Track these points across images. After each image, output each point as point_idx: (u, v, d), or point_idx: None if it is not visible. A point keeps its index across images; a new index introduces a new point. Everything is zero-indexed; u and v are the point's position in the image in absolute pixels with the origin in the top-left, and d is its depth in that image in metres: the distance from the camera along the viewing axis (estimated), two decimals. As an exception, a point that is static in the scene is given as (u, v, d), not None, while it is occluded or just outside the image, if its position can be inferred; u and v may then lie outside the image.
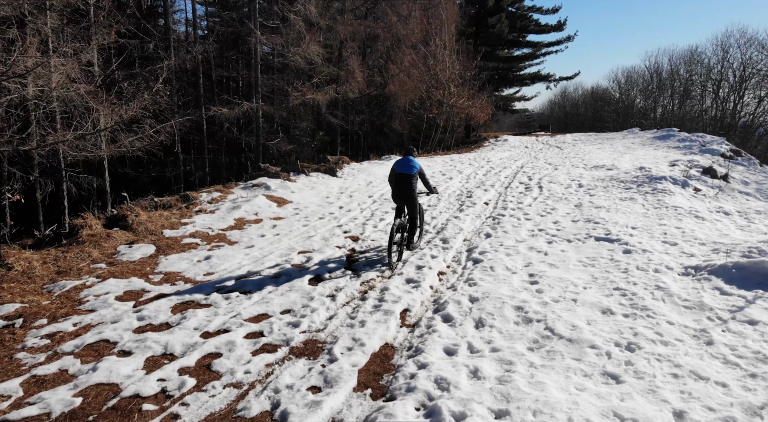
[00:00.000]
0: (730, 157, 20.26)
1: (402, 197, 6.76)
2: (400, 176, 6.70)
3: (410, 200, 6.76)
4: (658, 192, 10.80)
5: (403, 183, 6.68)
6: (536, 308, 5.13)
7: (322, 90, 17.34)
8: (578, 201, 10.46)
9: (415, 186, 6.75)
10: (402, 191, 6.71)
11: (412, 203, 6.79)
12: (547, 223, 8.81)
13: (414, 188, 6.72)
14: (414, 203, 6.80)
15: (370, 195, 11.51)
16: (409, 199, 6.74)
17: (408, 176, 6.66)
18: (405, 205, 6.82)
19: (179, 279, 6.03)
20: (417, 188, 6.82)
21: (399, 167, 6.78)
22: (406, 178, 6.67)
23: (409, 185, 6.67)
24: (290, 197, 10.69)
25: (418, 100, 25.49)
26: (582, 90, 57.62)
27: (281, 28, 16.27)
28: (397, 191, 6.77)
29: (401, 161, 6.83)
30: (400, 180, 6.70)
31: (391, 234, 6.34)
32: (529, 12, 37.82)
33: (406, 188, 6.67)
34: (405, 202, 6.79)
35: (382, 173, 14.75)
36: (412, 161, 6.76)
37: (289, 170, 12.90)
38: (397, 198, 6.81)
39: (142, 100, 11.07)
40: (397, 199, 6.82)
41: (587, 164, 16.78)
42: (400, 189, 6.72)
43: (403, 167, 6.73)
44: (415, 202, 6.82)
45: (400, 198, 6.78)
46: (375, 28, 21.58)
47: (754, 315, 4.89)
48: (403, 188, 6.69)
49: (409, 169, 6.69)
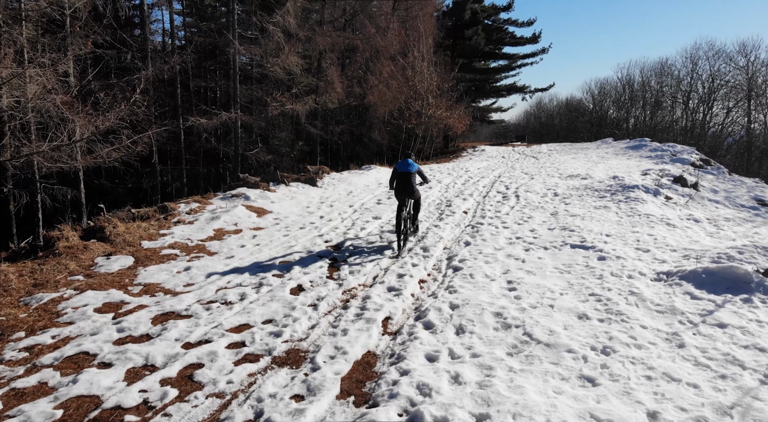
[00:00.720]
0: (700, 166, 20.91)
1: (405, 192, 8.02)
2: (403, 175, 8.02)
3: (412, 194, 8.07)
4: (630, 200, 11.10)
5: (405, 180, 7.99)
6: (515, 314, 5.24)
7: (302, 100, 17.40)
8: (554, 210, 10.69)
9: (415, 182, 8.13)
10: (405, 187, 8.01)
11: (414, 196, 8.15)
12: (524, 231, 8.99)
13: (414, 183, 8.09)
14: (416, 195, 8.22)
15: (350, 205, 11.56)
16: (411, 193, 8.04)
17: (409, 173, 8.02)
18: (408, 198, 8.09)
19: (159, 290, 5.99)
20: (416, 184, 8.19)
21: (401, 167, 8.10)
22: (407, 175, 8.01)
23: (410, 182, 8.00)
24: (270, 207, 10.68)
25: (397, 111, 25.72)
26: (557, 101, 58.82)
27: (260, 39, 16.30)
28: (400, 187, 8.05)
29: (402, 163, 8.17)
30: (403, 177, 8.02)
31: (398, 225, 7.68)
32: (504, 25, 38.65)
33: (408, 184, 8.00)
34: (408, 196, 8.05)
35: (363, 182, 14.84)
36: (411, 163, 8.12)
37: (269, 180, 12.89)
38: (401, 193, 8.04)
39: (119, 111, 10.98)
40: (400, 194, 8.05)
41: (562, 173, 17.13)
42: (402, 185, 8.03)
43: (405, 167, 8.08)
44: (416, 195, 8.21)
45: (403, 193, 8.03)
46: (354, 39, 21.79)
47: (723, 319, 5.08)
48: (405, 184, 8.00)
49: (410, 168, 8.06)
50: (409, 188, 8.01)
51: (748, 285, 5.77)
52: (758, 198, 13.69)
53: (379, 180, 15.69)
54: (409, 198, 8.12)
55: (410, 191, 8.01)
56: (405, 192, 8.01)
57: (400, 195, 8.03)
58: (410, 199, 8.18)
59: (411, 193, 8.03)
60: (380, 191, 13.52)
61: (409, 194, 8.03)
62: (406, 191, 8.00)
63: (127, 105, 11.12)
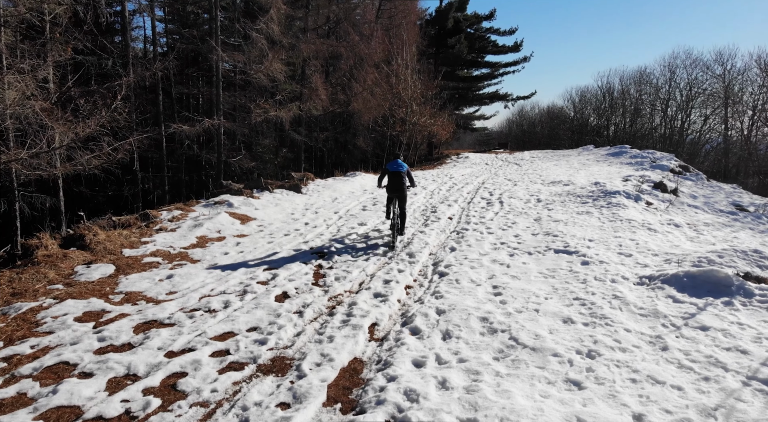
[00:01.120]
0: (679, 172, 21.31)
1: (397, 190, 8.67)
2: (395, 173, 8.67)
3: (402, 193, 8.72)
4: (612, 206, 11.26)
5: (397, 178, 8.64)
6: (501, 318, 5.25)
7: (285, 107, 17.35)
8: (537, 215, 10.78)
9: (406, 181, 8.76)
10: (397, 185, 8.66)
11: (403, 195, 8.77)
12: (508, 237, 9.04)
13: (405, 182, 8.74)
14: (405, 194, 8.82)
15: (335, 211, 11.53)
16: (402, 191, 8.69)
17: (401, 173, 8.67)
18: (399, 195, 8.70)
19: (141, 299, 5.88)
20: (406, 182, 8.79)
21: (392, 167, 8.74)
22: (399, 174, 8.65)
23: (401, 180, 8.65)
24: (254, 214, 10.60)
25: (381, 118, 25.81)
26: (538, 109, 59.67)
27: (243, 46, 16.25)
28: (392, 185, 8.70)
29: (393, 163, 8.80)
30: (395, 176, 8.66)
31: (393, 221, 8.50)
32: (486, 33, 39.09)
33: (400, 182, 8.65)
34: (400, 193, 8.69)
35: (347, 189, 14.82)
36: (402, 163, 8.77)
37: (253, 187, 12.79)
38: (393, 190, 8.70)
39: (99, 118, 10.83)
40: (392, 191, 8.71)
41: (545, 179, 17.31)
42: (394, 183, 8.67)
43: (396, 166, 8.71)
44: (405, 194, 8.82)
45: (396, 190, 8.68)
46: (337, 47, 21.82)
47: (705, 321, 5.15)
48: (397, 182, 8.65)
49: (401, 167, 8.70)
50: (401, 187, 8.67)
51: (728, 288, 5.87)
52: (736, 203, 13.98)
53: (364, 187, 15.68)
54: (399, 196, 8.72)
55: (401, 189, 8.68)
56: (396, 190, 8.68)
57: (391, 193, 8.76)
58: (399, 197, 8.74)
59: (401, 191, 8.69)
60: (365, 198, 13.51)
61: (400, 192, 8.69)
62: (397, 189, 8.67)
63: (108, 112, 10.99)
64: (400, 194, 8.72)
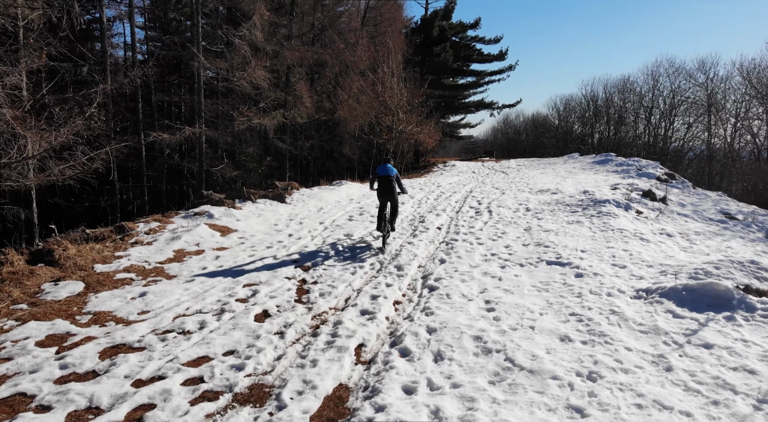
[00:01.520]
0: (666, 180, 21.35)
1: (387, 194, 8.73)
2: (384, 178, 8.74)
3: (393, 197, 8.78)
4: (603, 215, 11.08)
5: (386, 182, 8.71)
6: (495, 337, 4.96)
7: (269, 115, 16.98)
8: (527, 225, 10.56)
9: (395, 185, 8.81)
10: (386, 189, 8.71)
11: (394, 198, 8.83)
12: (499, 247, 8.79)
13: (395, 186, 8.80)
14: (396, 197, 8.88)
15: (321, 222, 11.19)
16: (392, 195, 8.75)
17: (390, 177, 8.74)
18: (389, 199, 8.78)
19: (110, 320, 5.48)
20: (396, 187, 8.85)
21: (381, 171, 8.82)
22: (388, 179, 8.73)
23: (391, 184, 8.72)
24: (235, 225, 10.21)
25: (367, 126, 25.58)
26: (523, 117, 60.01)
27: (226, 53, 15.91)
28: (381, 189, 8.75)
29: (382, 167, 8.89)
30: (384, 180, 8.73)
31: (383, 225, 8.60)
32: (472, 42, 39.19)
33: (389, 186, 8.71)
34: (389, 197, 8.76)
35: (333, 198, 14.49)
36: (391, 167, 8.86)
37: (234, 197, 12.41)
38: (383, 195, 8.75)
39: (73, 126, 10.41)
40: (382, 195, 8.76)
41: (532, 188, 17.17)
42: (384, 188, 8.73)
43: (385, 171, 8.80)
44: (396, 197, 8.90)
45: (385, 194, 8.74)
46: (323, 54, 21.57)
47: (708, 338, 4.91)
48: (387, 186, 8.71)
49: (390, 172, 8.79)
50: (390, 191, 8.72)
51: (729, 302, 5.65)
52: (724, 211, 13.93)
53: (350, 196, 15.37)
54: (390, 200, 8.81)
55: (391, 193, 8.73)
56: (386, 194, 8.73)
57: (382, 197, 8.77)
58: (390, 201, 8.84)
59: (391, 195, 8.75)
60: (352, 207, 13.20)
61: (390, 196, 8.75)
62: (387, 193, 8.73)
63: (83, 120, 10.57)
64: (391, 197, 8.79)
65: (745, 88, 33.54)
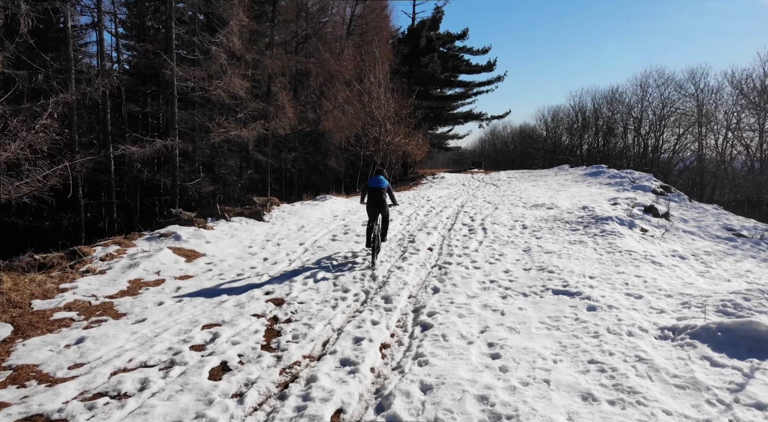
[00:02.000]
0: (662, 193, 20.75)
1: (377, 206, 8.51)
2: (375, 190, 8.51)
3: (384, 209, 8.61)
4: (607, 234, 10.27)
5: (377, 194, 8.48)
6: (504, 397, 4.04)
7: (249, 126, 16.02)
8: (526, 245, 9.70)
9: (386, 197, 8.62)
10: (377, 202, 8.49)
11: (385, 211, 8.71)
12: (497, 272, 7.90)
13: (386, 198, 8.60)
14: (386, 211, 8.78)
15: (301, 242, 10.23)
16: (382, 208, 8.56)
17: (381, 189, 8.52)
18: (379, 212, 8.56)
19: (33, 377, 4.46)
20: (387, 200, 8.66)
21: (373, 183, 8.58)
22: (379, 191, 8.50)
23: (381, 196, 8.50)
24: (204, 248, 9.20)
25: (354, 138, 24.76)
26: (511, 128, 59.74)
27: (201, 61, 14.98)
28: (372, 202, 8.53)
29: (374, 178, 8.66)
30: (374, 192, 8.51)
31: (372, 239, 8.31)
32: (460, 52, 38.73)
33: (380, 199, 8.48)
34: (380, 210, 8.55)
35: (316, 215, 13.53)
36: (383, 179, 8.65)
37: (207, 216, 11.40)
38: (373, 207, 8.53)
39: (23, 140, 9.37)
40: (371, 208, 8.54)
41: (526, 202, 16.39)
42: (374, 200, 8.51)
43: (377, 182, 8.57)
44: (387, 210, 8.77)
45: (375, 207, 8.52)
46: (306, 63, 20.71)
47: (758, 396, 4.03)
48: (377, 199, 8.48)
49: (381, 184, 8.56)
50: (381, 203, 8.50)
51: (776, 346, 4.79)
52: (728, 227, 13.22)
53: (334, 212, 14.42)
54: (380, 212, 8.59)
55: (381, 205, 8.51)
56: (376, 207, 8.50)
57: (371, 210, 8.55)
58: (381, 213, 8.63)
59: (382, 207, 8.54)
60: (336, 225, 12.25)
61: (380, 209, 8.53)
62: (377, 205, 8.50)
63: (34, 132, 9.53)
64: (381, 210, 8.60)
65: (735, 98, 33.35)
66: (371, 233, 8.38)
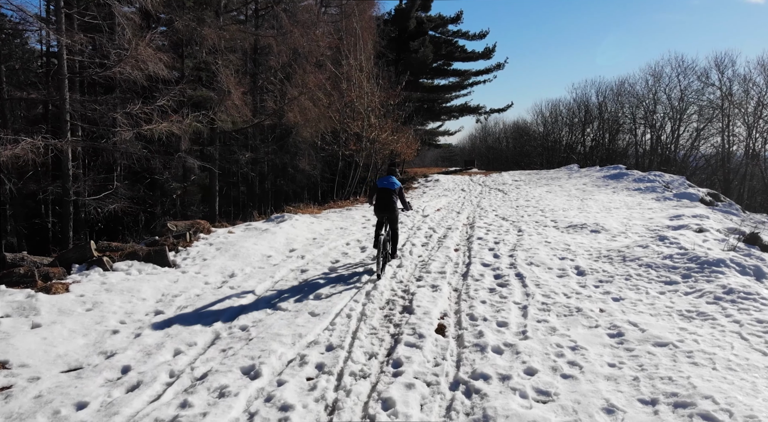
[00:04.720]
0: (711, 202, 16.68)
1: (385, 209, 7.67)
2: (383, 190, 7.72)
3: (392, 213, 7.73)
4: (737, 296, 5.99)
5: (386, 197, 7.66)
6: None
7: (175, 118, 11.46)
8: (609, 323, 5.43)
9: (396, 201, 7.76)
10: (385, 205, 7.66)
11: (393, 216, 7.80)
12: (589, 407, 3.60)
13: (395, 202, 7.75)
14: (395, 216, 7.85)
15: (208, 324, 5.84)
16: (391, 211, 7.69)
17: (390, 190, 7.70)
18: (387, 215, 7.68)
19: None
20: (397, 203, 7.79)
21: (382, 183, 7.79)
22: (389, 192, 7.68)
23: (391, 199, 7.67)
24: (18, 344, 4.74)
25: (330, 134, 20.38)
26: (503, 124, 55.71)
27: (103, 26, 10.48)
28: (380, 204, 7.70)
29: (384, 178, 7.86)
30: (383, 194, 7.70)
31: (379, 246, 7.23)
32: (454, 37, 34.44)
33: (389, 201, 7.65)
34: (388, 214, 7.68)
35: (261, 251, 9.09)
36: (394, 179, 7.80)
37: (73, 261, 6.95)
38: (381, 211, 7.69)
39: None
40: (379, 211, 7.70)
41: (556, 220, 12.19)
42: (383, 202, 7.68)
43: (387, 183, 7.76)
44: (396, 215, 7.85)
45: (383, 210, 7.68)
46: (265, 37, 16.19)
47: None
48: (386, 201, 7.66)
49: (391, 185, 7.74)
50: (389, 207, 7.66)
51: None
52: None
53: (291, 242, 9.99)
54: (389, 216, 7.72)
55: (389, 209, 7.67)
56: (383, 210, 7.69)
57: (379, 213, 7.75)
58: (389, 217, 7.73)
59: (390, 211, 7.69)
60: (287, 269, 7.91)
61: (389, 212, 7.69)
62: (385, 209, 7.68)
63: None
64: (389, 214, 7.70)
65: (767, 88, 29.23)
66: (379, 242, 7.27)
